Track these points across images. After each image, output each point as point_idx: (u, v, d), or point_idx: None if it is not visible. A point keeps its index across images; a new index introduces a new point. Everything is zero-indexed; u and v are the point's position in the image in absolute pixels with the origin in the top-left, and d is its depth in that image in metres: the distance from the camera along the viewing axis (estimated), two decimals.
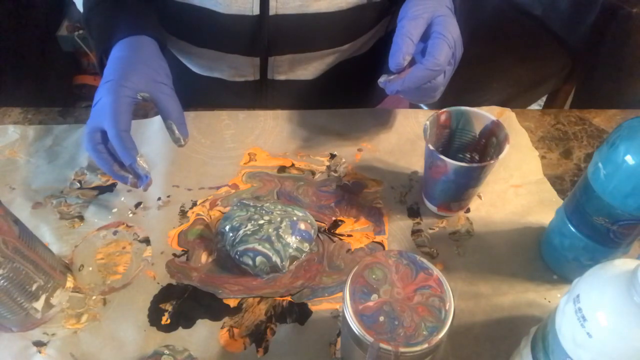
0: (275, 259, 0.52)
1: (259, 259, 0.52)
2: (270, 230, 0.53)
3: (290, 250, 0.53)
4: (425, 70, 0.50)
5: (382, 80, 0.54)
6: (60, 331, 0.49)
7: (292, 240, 0.53)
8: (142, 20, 0.59)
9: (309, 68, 0.71)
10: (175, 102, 0.54)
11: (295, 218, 0.54)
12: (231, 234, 0.53)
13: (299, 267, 0.54)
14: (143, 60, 0.55)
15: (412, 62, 0.52)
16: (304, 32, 0.65)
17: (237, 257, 0.53)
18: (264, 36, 0.64)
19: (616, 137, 0.41)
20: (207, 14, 0.61)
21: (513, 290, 0.52)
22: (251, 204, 0.56)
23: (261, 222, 0.53)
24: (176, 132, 0.54)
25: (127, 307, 0.51)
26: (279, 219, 0.54)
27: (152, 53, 0.57)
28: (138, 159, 0.51)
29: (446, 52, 0.51)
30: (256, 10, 0.61)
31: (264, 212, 0.55)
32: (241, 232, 0.53)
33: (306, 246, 0.54)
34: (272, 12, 0.61)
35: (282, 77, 0.71)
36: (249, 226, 0.53)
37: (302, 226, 0.54)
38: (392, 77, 0.53)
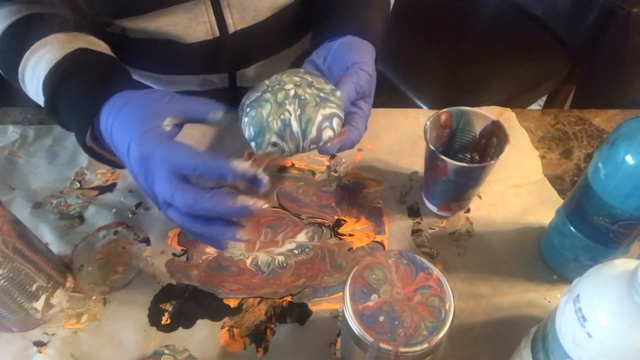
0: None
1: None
2: (308, 91, 0.44)
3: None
4: (352, 142, 0.48)
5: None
6: (60, 331, 0.49)
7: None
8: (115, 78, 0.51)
9: (273, 73, 0.72)
10: (195, 100, 0.47)
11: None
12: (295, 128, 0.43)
13: (302, 265, 0.54)
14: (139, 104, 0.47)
15: None
16: (265, 39, 0.66)
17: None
18: (229, 54, 0.65)
19: (616, 137, 0.41)
20: (169, 45, 0.61)
21: (513, 290, 0.52)
22: (259, 93, 0.45)
23: (291, 92, 0.45)
24: (219, 115, 0.45)
25: (127, 307, 0.51)
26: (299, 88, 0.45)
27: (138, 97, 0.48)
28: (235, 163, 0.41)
29: (364, 125, 0.49)
30: (216, 33, 0.62)
31: (277, 86, 0.46)
32: (294, 114, 0.43)
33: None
34: (231, 30, 0.62)
35: (250, 85, 0.72)
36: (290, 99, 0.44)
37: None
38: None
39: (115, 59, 0.55)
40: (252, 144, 0.45)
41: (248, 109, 0.45)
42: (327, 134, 0.44)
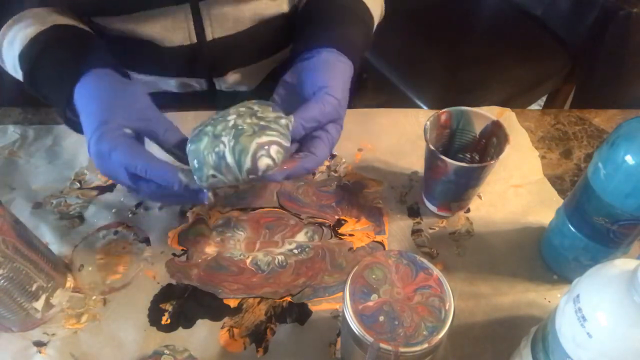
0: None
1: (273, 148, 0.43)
2: (248, 120, 0.44)
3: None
4: (305, 169, 0.48)
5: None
6: (60, 331, 0.49)
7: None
8: (96, 54, 0.53)
9: (252, 79, 0.72)
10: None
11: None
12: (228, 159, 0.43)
13: (302, 264, 0.54)
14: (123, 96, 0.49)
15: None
16: (244, 48, 0.66)
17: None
18: (206, 60, 0.65)
19: (616, 137, 0.41)
20: (146, 46, 0.61)
21: (513, 290, 0.52)
22: (203, 127, 0.46)
23: (231, 122, 0.44)
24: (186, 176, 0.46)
25: (127, 307, 0.51)
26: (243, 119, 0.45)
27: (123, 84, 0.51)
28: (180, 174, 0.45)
29: (327, 152, 0.49)
30: (193, 39, 0.62)
31: (220, 118, 0.46)
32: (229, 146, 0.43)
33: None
34: (209, 37, 0.62)
35: (229, 90, 0.72)
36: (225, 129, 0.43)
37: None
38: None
39: (92, 33, 0.56)
40: (195, 177, 0.45)
41: (189, 144, 0.45)
42: (264, 162, 0.42)
